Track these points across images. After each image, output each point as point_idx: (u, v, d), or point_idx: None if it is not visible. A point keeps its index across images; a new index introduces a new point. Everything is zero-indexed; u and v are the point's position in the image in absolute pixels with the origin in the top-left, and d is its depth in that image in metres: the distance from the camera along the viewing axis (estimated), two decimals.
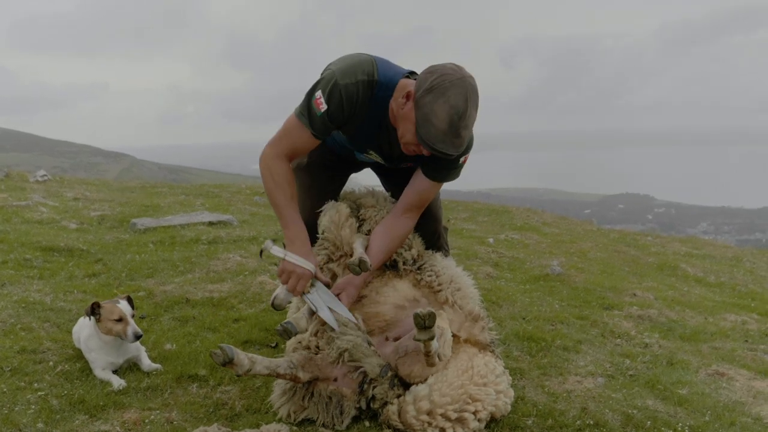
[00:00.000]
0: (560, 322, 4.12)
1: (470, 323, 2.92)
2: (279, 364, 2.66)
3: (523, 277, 5.41)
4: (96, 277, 4.79)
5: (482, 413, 2.59)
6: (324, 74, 2.77)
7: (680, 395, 3.11)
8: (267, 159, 2.84)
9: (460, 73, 2.56)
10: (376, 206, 3.20)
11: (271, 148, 2.86)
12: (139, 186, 11.47)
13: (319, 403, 2.71)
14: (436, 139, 2.55)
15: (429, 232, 3.27)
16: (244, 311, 4.09)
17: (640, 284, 5.59)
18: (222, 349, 2.50)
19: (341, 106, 2.69)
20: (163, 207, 8.45)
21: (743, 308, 5.19)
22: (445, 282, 3.05)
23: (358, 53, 2.82)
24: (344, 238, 3.06)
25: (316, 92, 2.71)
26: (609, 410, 2.91)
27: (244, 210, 8.67)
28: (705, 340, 4.10)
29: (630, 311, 4.52)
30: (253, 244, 6.05)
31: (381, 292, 2.96)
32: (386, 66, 2.77)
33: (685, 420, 2.86)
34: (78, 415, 2.63)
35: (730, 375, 3.44)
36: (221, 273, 4.93)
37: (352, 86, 2.68)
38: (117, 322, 3.03)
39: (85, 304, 4.12)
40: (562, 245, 7.33)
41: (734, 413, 2.98)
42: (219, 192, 10.68)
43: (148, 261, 5.25)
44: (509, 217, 9.55)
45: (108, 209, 7.94)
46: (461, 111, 2.52)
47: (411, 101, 2.61)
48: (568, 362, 3.46)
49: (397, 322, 2.88)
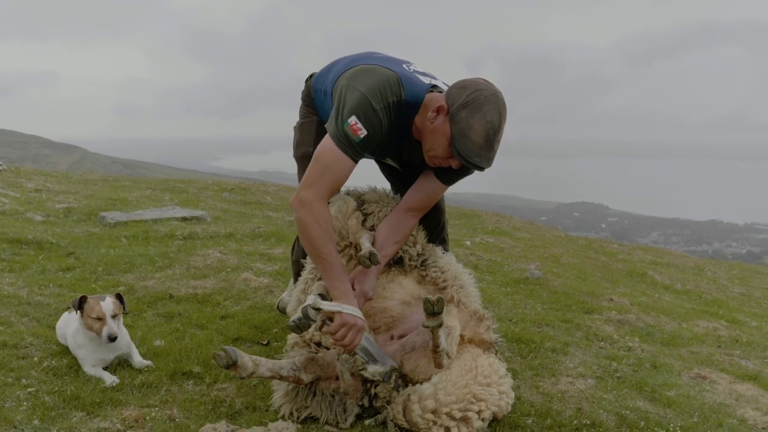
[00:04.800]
0: (546, 324, 4.17)
1: (475, 322, 2.94)
2: (282, 366, 2.63)
3: (503, 279, 5.47)
4: (71, 272, 4.66)
5: (486, 413, 2.60)
6: (347, 93, 2.66)
7: (668, 397, 3.19)
8: (311, 204, 2.63)
9: (492, 88, 2.62)
10: (379, 202, 3.20)
11: (310, 190, 2.65)
12: (101, 179, 11.21)
13: (322, 402, 2.69)
14: (473, 152, 2.59)
15: (434, 223, 3.28)
16: (230, 308, 4.03)
17: (614, 290, 5.71)
18: (226, 351, 2.45)
19: (380, 130, 2.66)
20: (130, 201, 8.28)
21: (712, 315, 5.34)
22: (450, 279, 3.07)
23: (378, 67, 2.73)
24: (351, 227, 3.05)
25: (350, 118, 2.60)
26: (603, 411, 2.96)
27: (215, 206, 8.56)
28: (683, 345, 4.21)
29: (609, 315, 4.61)
30: (230, 240, 5.97)
31: (387, 288, 2.96)
32: (410, 83, 2.74)
33: (675, 421, 2.93)
34: (74, 412, 2.55)
35: (712, 378, 3.54)
36: (202, 269, 4.84)
37: (386, 110, 2.65)
38: (96, 320, 2.95)
39: (62, 299, 4.02)
40: (535, 250, 7.44)
41: (720, 415, 3.07)
42: (185, 187, 10.51)
43: (123, 256, 5.13)
44: (480, 221, 9.65)
45: (74, 201, 7.74)
46: (496, 126, 2.59)
47: (443, 115, 2.63)
48: (558, 364, 3.51)
49: (403, 319, 2.88)
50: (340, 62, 3.04)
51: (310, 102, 3.26)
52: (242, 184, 11.41)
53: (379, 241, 2.96)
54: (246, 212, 8.37)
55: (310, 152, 3.20)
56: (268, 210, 8.84)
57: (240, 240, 6.03)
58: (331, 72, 3.03)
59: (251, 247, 5.75)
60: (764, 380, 3.64)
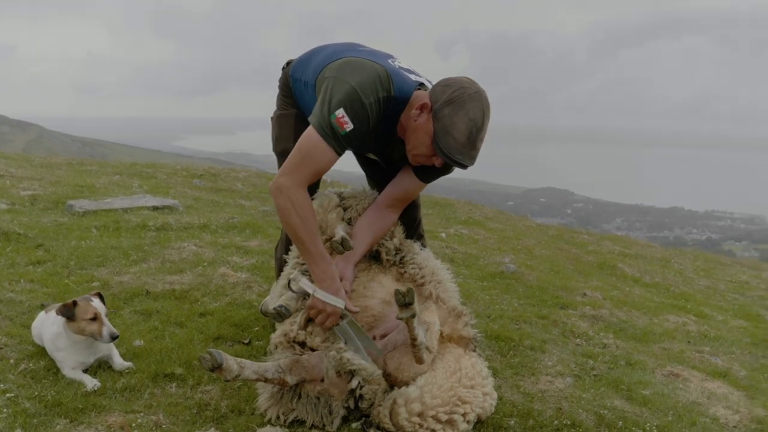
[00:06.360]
0: (524, 321, 4.24)
1: (454, 319, 2.98)
2: (267, 368, 2.63)
3: (479, 273, 5.52)
4: (41, 265, 4.54)
5: (470, 415, 2.65)
6: (334, 85, 2.63)
7: (644, 396, 3.28)
8: (288, 191, 2.63)
9: (476, 86, 2.63)
10: (357, 196, 3.22)
11: (289, 177, 2.65)
12: (65, 162, 10.94)
13: (307, 404, 2.69)
14: (456, 150, 2.60)
15: (410, 218, 3.29)
16: (209, 305, 3.99)
17: (587, 283, 5.82)
18: (211, 354, 2.43)
19: (367, 124, 2.65)
20: (99, 188, 8.10)
21: (680, 309, 5.49)
22: (428, 275, 3.09)
23: (366, 61, 2.70)
24: (330, 221, 3.07)
25: (337, 110, 2.58)
26: (582, 410, 3.03)
27: (186, 194, 8.43)
28: (655, 341, 4.32)
29: (584, 311, 4.70)
30: (205, 232, 5.89)
31: (368, 287, 2.97)
32: (400, 79, 2.73)
33: (651, 420, 3.02)
34: (57, 419, 2.49)
35: (684, 376, 3.65)
36: (178, 263, 4.78)
37: (375, 105, 2.63)
38: (91, 322, 2.86)
39: (35, 295, 3.92)
40: (508, 241, 7.52)
41: (693, 413, 3.17)
42: (153, 172, 10.32)
43: (95, 248, 5.02)
44: (452, 210, 9.69)
45: (39, 188, 7.54)
46: (479, 124, 2.59)
47: (426, 113, 2.63)
48: (537, 362, 3.57)
49: (384, 318, 2.90)
50: (322, 52, 2.98)
51: (289, 92, 3.19)
52: (212, 170, 11.26)
53: (358, 234, 2.98)
54: (218, 200, 8.27)
55: (290, 148, 3.17)
56: (240, 198, 8.75)
57: (215, 231, 5.96)
58: (312, 61, 2.97)
59: (226, 239, 5.69)
60: (733, 377, 3.77)
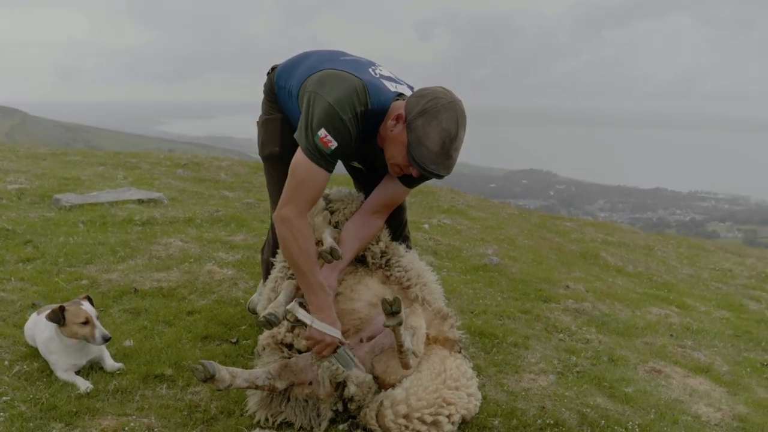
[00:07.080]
0: (507, 316, 4.31)
1: (439, 321, 3.04)
2: (258, 376, 2.70)
3: (462, 266, 5.59)
4: (31, 263, 4.55)
5: (455, 416, 2.72)
6: (314, 103, 2.69)
7: (626, 393, 3.36)
8: (290, 222, 2.71)
9: (450, 96, 2.65)
10: (344, 200, 3.28)
11: (290, 207, 2.72)
12: (49, 153, 10.86)
13: (296, 407, 2.76)
14: (429, 160, 2.63)
15: (397, 221, 3.35)
16: (196, 303, 4.03)
17: (569, 274, 5.91)
18: (203, 366, 2.52)
19: (350, 138, 2.69)
20: (84, 180, 8.07)
21: (663, 300, 5.60)
22: (414, 277, 3.15)
23: (345, 74, 2.74)
24: (316, 225, 3.12)
25: (319, 131, 2.63)
26: (565, 409, 3.11)
27: (171, 185, 8.42)
28: (637, 335, 4.42)
29: (567, 304, 4.79)
30: (190, 226, 5.91)
31: (355, 290, 3.03)
32: (377, 90, 2.77)
33: (633, 419, 3.10)
34: (53, 423, 2.54)
35: (667, 372, 3.75)
36: (165, 260, 4.80)
37: (354, 120, 2.67)
38: (83, 325, 2.91)
39: (26, 294, 3.94)
40: (491, 231, 7.59)
41: (676, 411, 3.26)
42: (137, 162, 10.29)
43: (83, 244, 5.03)
44: (435, 198, 9.75)
45: (26, 182, 7.50)
46: (453, 134, 2.61)
47: (401, 124, 2.67)
48: (521, 359, 3.65)
49: (371, 320, 2.96)
50: (305, 61, 3.02)
51: (273, 98, 3.23)
52: (195, 159, 11.22)
53: (345, 241, 3.03)
54: (202, 192, 8.26)
55: (276, 152, 3.20)
56: (224, 189, 8.74)
57: (200, 226, 5.97)
58: (297, 70, 3.01)
59: (212, 233, 5.71)
60: (715, 373, 3.87)
